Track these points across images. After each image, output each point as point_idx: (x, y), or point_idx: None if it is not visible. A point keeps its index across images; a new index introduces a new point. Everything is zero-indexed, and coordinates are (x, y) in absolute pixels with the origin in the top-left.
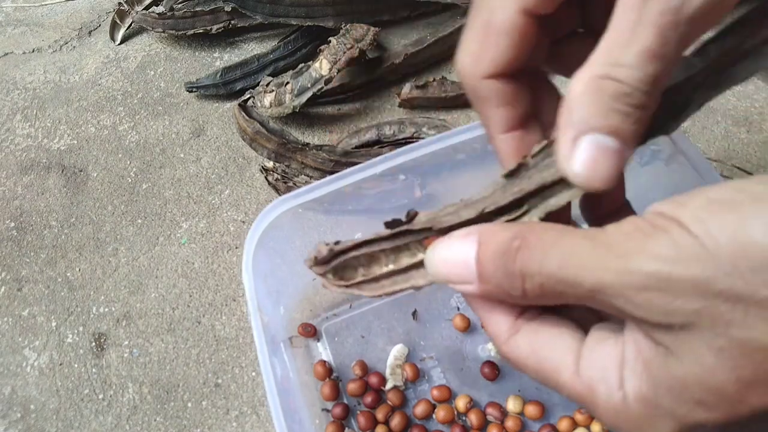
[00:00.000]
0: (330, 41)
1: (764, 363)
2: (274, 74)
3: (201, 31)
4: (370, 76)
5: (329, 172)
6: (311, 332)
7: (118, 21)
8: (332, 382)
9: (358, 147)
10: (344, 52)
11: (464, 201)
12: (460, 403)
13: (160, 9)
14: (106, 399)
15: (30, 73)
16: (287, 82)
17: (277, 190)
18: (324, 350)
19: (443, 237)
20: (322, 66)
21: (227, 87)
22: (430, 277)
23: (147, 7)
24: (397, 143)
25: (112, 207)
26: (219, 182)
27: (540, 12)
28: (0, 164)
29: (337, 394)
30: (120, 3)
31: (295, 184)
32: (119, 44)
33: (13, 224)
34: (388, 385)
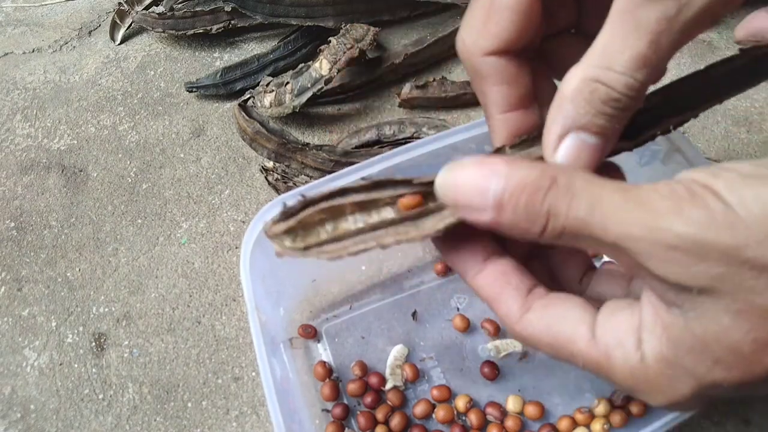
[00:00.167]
0: (330, 41)
1: None
2: (274, 74)
3: (201, 31)
4: (370, 76)
5: (329, 172)
6: (311, 333)
7: (118, 21)
8: (332, 383)
9: (358, 147)
10: (344, 52)
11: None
12: (460, 403)
13: (160, 9)
14: (106, 399)
15: (30, 73)
16: (287, 82)
17: (277, 190)
18: (324, 351)
19: (458, 161)
20: (322, 66)
21: (227, 87)
22: (414, 232)
23: (147, 7)
24: (397, 143)
25: (112, 207)
26: (219, 182)
27: None
28: (0, 164)
29: (337, 395)
30: (120, 3)
31: (295, 184)
32: (119, 44)
33: (13, 224)
34: (388, 386)
